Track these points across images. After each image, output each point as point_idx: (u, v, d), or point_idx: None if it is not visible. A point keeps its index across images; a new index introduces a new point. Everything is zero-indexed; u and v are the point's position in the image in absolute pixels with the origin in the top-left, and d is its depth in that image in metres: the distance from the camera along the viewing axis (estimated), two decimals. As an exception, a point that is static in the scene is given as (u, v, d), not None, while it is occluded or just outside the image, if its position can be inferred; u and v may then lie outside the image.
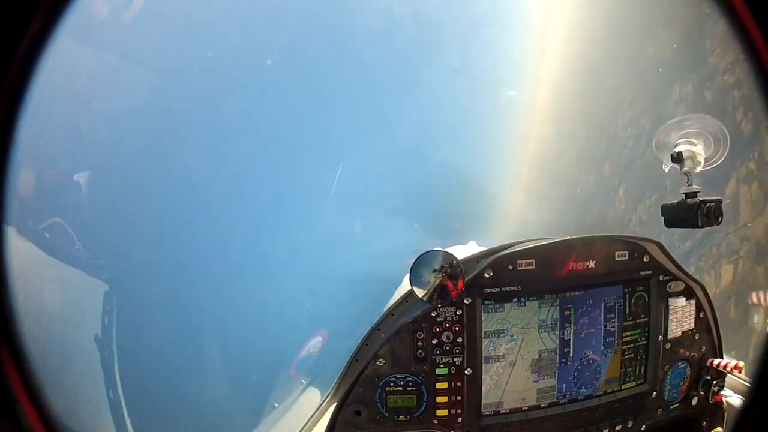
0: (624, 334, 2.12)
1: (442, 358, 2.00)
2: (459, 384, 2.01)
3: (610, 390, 2.13)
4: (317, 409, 2.10)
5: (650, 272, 2.13)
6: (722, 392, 2.18)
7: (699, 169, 1.93)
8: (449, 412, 2.01)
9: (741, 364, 2.15)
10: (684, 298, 2.18)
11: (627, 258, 2.10)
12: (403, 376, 2.00)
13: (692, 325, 2.21)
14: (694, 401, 2.24)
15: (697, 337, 2.23)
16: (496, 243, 2.20)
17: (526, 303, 2.03)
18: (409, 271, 1.92)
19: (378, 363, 1.99)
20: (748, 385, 2.10)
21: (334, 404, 2.02)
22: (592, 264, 2.06)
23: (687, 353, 2.21)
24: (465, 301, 1.99)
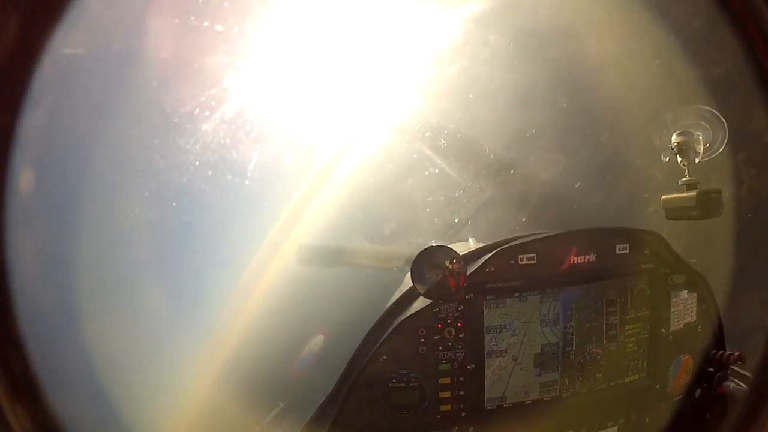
0: (626, 328, 2.12)
1: (444, 354, 2.00)
2: (462, 379, 2.00)
3: (613, 383, 2.13)
4: (319, 408, 2.09)
5: (651, 265, 2.13)
6: (725, 384, 2.18)
7: (698, 159, 1.93)
8: (452, 407, 2.01)
9: (744, 355, 2.14)
10: (686, 291, 2.17)
11: (628, 251, 2.10)
12: (405, 372, 1.99)
13: (694, 318, 2.21)
14: (697, 393, 2.23)
15: (699, 330, 2.22)
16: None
17: (528, 298, 2.02)
18: (410, 267, 1.92)
19: (380, 360, 1.99)
20: (752, 376, 2.09)
21: (337, 403, 2.01)
22: (593, 257, 2.06)
23: (689, 346, 2.21)
24: (467, 297, 1.99)
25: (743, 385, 2.11)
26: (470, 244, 2.59)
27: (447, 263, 1.93)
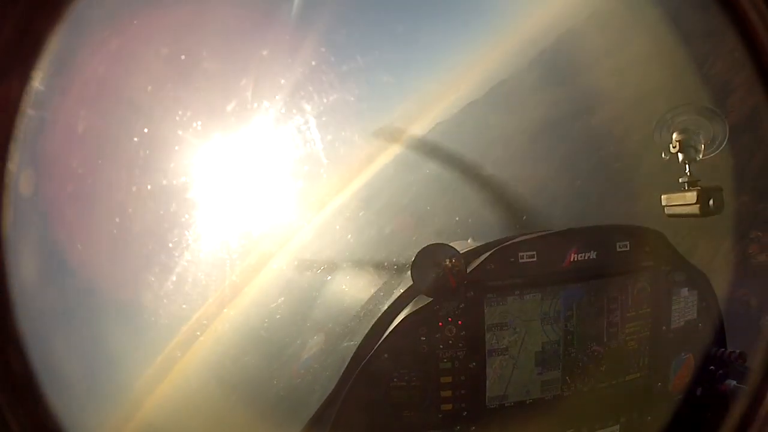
0: (627, 326, 2.11)
1: (445, 353, 1.99)
2: (463, 378, 2.00)
3: (615, 382, 2.12)
4: (320, 408, 2.09)
5: (652, 263, 2.13)
6: (727, 382, 2.17)
7: (699, 157, 1.92)
8: (453, 406, 2.00)
9: (745, 353, 2.14)
10: (686, 288, 2.17)
11: (628, 248, 2.10)
12: (406, 371, 1.98)
13: (695, 315, 2.21)
14: (699, 392, 2.23)
15: (700, 327, 2.22)
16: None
17: (529, 296, 2.02)
18: (411, 265, 1.92)
19: (381, 359, 1.98)
20: (753, 373, 2.09)
21: (337, 402, 2.01)
22: (593, 255, 2.06)
23: (691, 343, 2.21)
24: (467, 295, 1.98)
25: (744, 383, 2.11)
26: (469, 243, 2.60)
27: (447, 261, 1.93)
